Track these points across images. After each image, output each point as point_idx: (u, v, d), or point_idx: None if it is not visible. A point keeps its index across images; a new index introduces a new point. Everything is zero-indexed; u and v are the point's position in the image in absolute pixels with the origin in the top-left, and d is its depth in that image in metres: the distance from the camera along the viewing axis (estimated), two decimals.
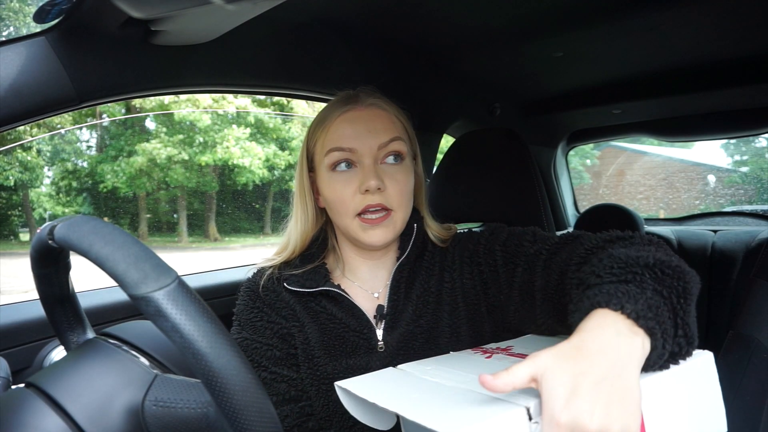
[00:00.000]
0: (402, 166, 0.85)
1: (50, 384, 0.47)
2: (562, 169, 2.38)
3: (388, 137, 0.83)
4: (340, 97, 0.87)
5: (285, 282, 0.86)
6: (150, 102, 8.77)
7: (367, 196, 0.81)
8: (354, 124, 0.83)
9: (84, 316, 0.56)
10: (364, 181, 0.80)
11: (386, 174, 0.82)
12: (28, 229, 10.09)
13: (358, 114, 0.84)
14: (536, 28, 1.20)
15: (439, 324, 0.86)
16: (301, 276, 0.86)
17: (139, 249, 0.41)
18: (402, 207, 0.84)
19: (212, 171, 10.97)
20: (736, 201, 6.39)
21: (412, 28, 1.17)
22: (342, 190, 0.82)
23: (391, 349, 0.83)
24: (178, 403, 0.47)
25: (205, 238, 11.29)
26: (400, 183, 0.83)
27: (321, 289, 0.84)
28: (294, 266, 0.88)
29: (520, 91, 1.77)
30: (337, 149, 0.82)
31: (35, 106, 0.75)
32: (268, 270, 0.89)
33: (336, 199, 0.83)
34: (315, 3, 1.00)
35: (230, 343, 0.40)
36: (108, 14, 0.75)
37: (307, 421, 0.81)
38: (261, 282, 0.87)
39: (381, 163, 0.83)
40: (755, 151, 6.80)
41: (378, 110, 0.85)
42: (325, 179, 0.84)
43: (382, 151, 0.83)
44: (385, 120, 0.85)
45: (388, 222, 0.82)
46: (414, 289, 0.88)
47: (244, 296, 0.88)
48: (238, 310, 0.88)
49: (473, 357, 0.69)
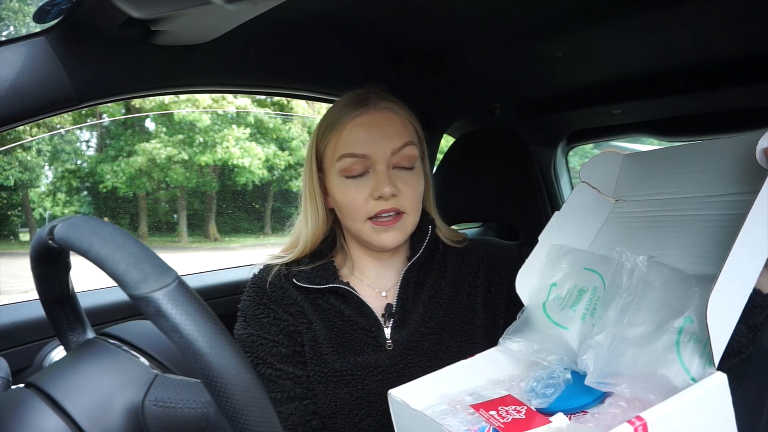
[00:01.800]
0: (414, 171, 0.85)
1: (50, 384, 0.47)
2: (562, 169, 2.38)
3: (402, 142, 0.83)
4: (350, 98, 0.86)
5: (294, 278, 0.86)
6: (150, 102, 8.77)
7: (381, 201, 0.81)
8: (367, 129, 0.82)
9: (84, 316, 0.56)
10: (378, 187, 0.81)
11: (399, 179, 0.83)
12: (28, 229, 10.08)
13: (371, 118, 0.83)
14: (536, 28, 1.20)
15: (451, 326, 0.86)
16: (310, 272, 0.86)
17: (139, 249, 0.41)
18: (414, 210, 0.85)
19: (212, 171, 10.97)
20: None
21: (413, 28, 1.17)
22: (354, 196, 0.82)
23: (400, 348, 0.84)
24: (178, 403, 0.47)
25: (205, 238, 11.29)
26: (412, 187, 0.84)
27: (330, 286, 0.84)
28: (302, 263, 0.88)
29: (520, 91, 1.77)
30: (350, 155, 0.82)
31: (35, 106, 0.75)
32: (275, 267, 0.88)
33: (348, 204, 0.83)
34: (315, 3, 1.00)
35: (230, 343, 0.40)
36: (108, 14, 0.75)
37: (312, 420, 0.81)
38: (268, 278, 0.86)
39: (394, 168, 0.83)
40: None
41: (391, 114, 0.85)
42: (337, 184, 0.84)
43: (396, 156, 0.83)
44: (398, 124, 0.85)
45: (399, 225, 0.83)
46: (425, 289, 0.88)
47: (250, 292, 0.87)
48: (244, 306, 0.87)
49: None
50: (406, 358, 0.83)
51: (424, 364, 0.83)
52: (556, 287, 0.72)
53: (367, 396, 0.81)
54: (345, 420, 0.81)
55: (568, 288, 0.70)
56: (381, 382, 0.81)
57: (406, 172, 0.84)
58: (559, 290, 0.71)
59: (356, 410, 0.81)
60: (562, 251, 0.73)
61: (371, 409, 0.81)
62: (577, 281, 0.70)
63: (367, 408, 0.81)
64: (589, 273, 0.69)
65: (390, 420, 0.80)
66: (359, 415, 0.81)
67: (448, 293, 0.88)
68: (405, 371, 0.82)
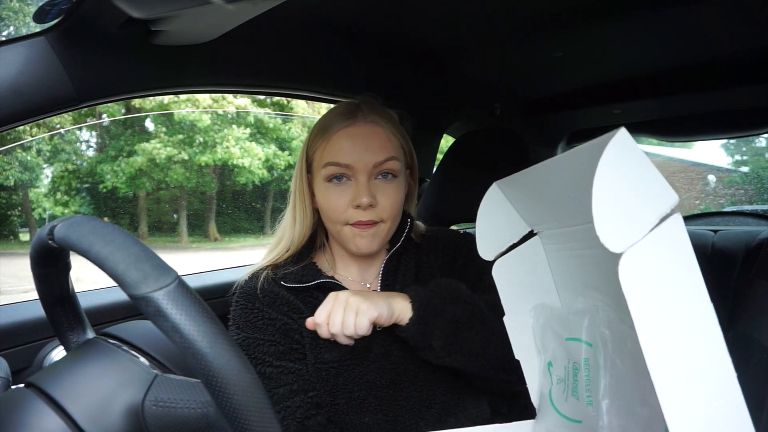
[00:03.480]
0: (394, 183, 0.89)
1: (50, 384, 0.47)
2: None
3: (384, 156, 0.87)
4: (343, 107, 0.90)
5: (282, 281, 0.89)
6: (150, 102, 8.77)
7: (359, 210, 0.86)
8: (353, 140, 0.87)
9: (84, 316, 0.56)
10: (357, 196, 0.85)
11: (379, 189, 0.87)
12: (28, 229, 10.09)
13: (357, 130, 0.87)
14: (536, 28, 1.20)
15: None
16: (297, 273, 0.90)
17: (139, 249, 0.41)
18: (391, 219, 0.89)
19: (212, 171, 10.97)
20: (736, 201, 6.40)
21: (413, 28, 1.17)
22: (336, 201, 0.87)
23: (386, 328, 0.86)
24: (178, 403, 0.47)
25: (205, 238, 11.29)
26: (391, 198, 0.88)
27: (317, 282, 0.89)
28: (286, 266, 0.92)
29: (520, 91, 1.77)
30: (334, 164, 0.86)
31: (35, 106, 0.75)
32: (262, 273, 0.91)
33: (329, 208, 0.88)
34: (315, 3, 1.00)
35: (230, 343, 0.40)
36: (108, 14, 0.75)
37: (317, 414, 0.83)
38: (258, 285, 0.89)
39: (375, 178, 0.88)
40: (755, 151, 6.81)
41: (376, 128, 0.89)
42: (321, 188, 0.89)
43: (377, 169, 0.87)
44: (383, 138, 0.89)
45: (375, 231, 0.88)
46: (405, 274, 0.95)
47: (240, 300, 0.89)
48: (235, 315, 0.89)
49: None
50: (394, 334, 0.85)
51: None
52: (553, 368, 0.68)
53: (364, 376, 0.85)
54: (346, 404, 0.84)
55: (564, 366, 0.66)
56: (375, 360, 0.86)
57: (387, 184, 0.88)
58: (557, 371, 0.68)
59: (356, 392, 0.84)
60: (544, 316, 0.69)
61: (371, 388, 0.84)
62: (569, 356, 0.65)
63: (366, 388, 0.84)
64: (574, 343, 0.63)
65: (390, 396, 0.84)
66: (360, 396, 0.84)
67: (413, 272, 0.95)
68: (395, 345, 0.86)
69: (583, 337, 0.61)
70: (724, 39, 1.28)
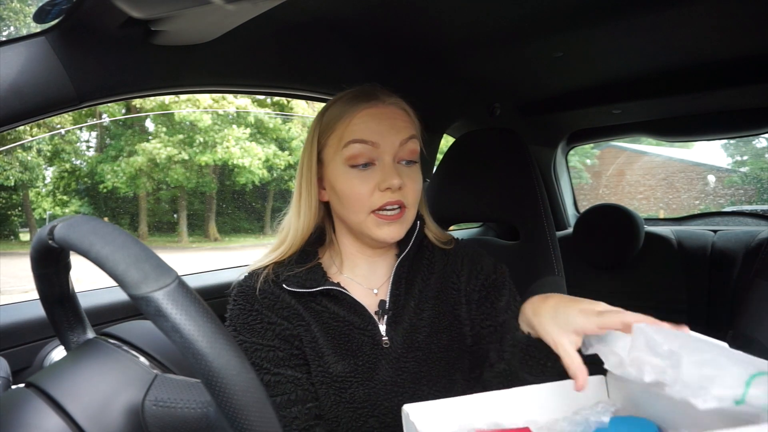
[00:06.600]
0: (415, 168, 0.88)
1: (50, 384, 0.47)
2: (562, 169, 2.38)
3: (408, 134, 0.85)
4: (360, 90, 0.87)
5: (284, 283, 0.84)
6: (150, 102, 8.78)
7: (387, 193, 0.82)
8: (378, 119, 0.84)
9: (84, 316, 0.56)
10: (386, 179, 0.82)
11: (404, 173, 0.85)
12: (28, 229, 10.09)
13: (381, 111, 0.85)
14: (536, 28, 1.20)
15: (440, 319, 0.88)
16: (300, 276, 0.85)
17: (139, 249, 0.41)
18: (414, 205, 0.87)
19: (212, 171, 10.97)
20: (736, 201, 6.40)
21: (413, 28, 1.17)
22: (360, 187, 0.83)
23: (396, 344, 0.84)
24: (178, 403, 0.47)
25: (205, 238, 11.30)
26: (415, 182, 0.86)
27: (321, 289, 0.83)
28: (289, 266, 0.86)
29: (520, 91, 1.77)
30: (360, 141, 0.82)
31: (35, 106, 0.75)
32: (262, 272, 0.86)
33: (352, 195, 0.83)
34: (315, 3, 1.00)
35: (230, 344, 0.40)
36: (108, 14, 0.75)
37: (315, 426, 0.80)
38: (257, 285, 0.84)
39: (398, 162, 0.85)
40: (755, 151, 6.81)
41: (398, 109, 0.87)
42: (341, 174, 0.84)
43: (401, 149, 0.85)
44: (406, 119, 0.88)
45: (402, 219, 0.84)
46: (416, 284, 0.90)
47: (238, 300, 0.85)
48: (232, 315, 0.84)
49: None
50: (404, 354, 0.83)
51: (419, 358, 0.84)
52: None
53: (369, 396, 0.81)
54: (348, 422, 0.81)
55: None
56: (382, 380, 0.82)
57: (409, 167, 0.86)
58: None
59: (360, 410, 0.81)
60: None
61: (374, 409, 0.81)
62: None
63: (370, 408, 0.81)
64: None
65: (392, 419, 0.81)
66: (363, 416, 0.81)
67: (435, 288, 0.90)
68: (404, 367, 0.83)
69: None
70: (723, 39, 1.28)
